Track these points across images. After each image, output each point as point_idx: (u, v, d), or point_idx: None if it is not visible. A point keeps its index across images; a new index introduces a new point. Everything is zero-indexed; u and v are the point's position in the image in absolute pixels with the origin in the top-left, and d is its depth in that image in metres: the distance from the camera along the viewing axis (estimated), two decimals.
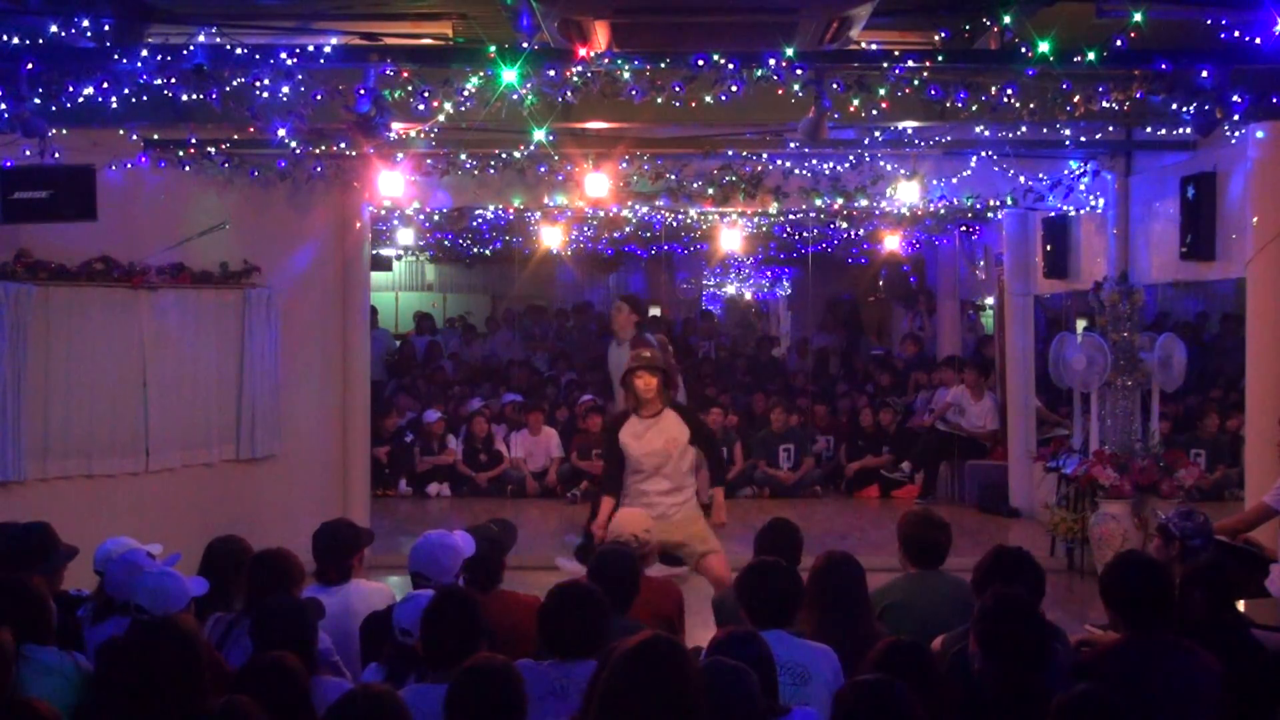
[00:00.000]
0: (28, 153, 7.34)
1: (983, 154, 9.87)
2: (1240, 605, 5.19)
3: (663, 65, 6.45)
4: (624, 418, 7.28)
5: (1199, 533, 5.52)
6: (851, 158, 9.86)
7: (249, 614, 4.54)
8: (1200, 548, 5.46)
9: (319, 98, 6.78)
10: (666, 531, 6.87)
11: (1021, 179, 10.15)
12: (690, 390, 14.82)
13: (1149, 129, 8.63)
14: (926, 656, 3.82)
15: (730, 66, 6.35)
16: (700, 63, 6.34)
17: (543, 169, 9.72)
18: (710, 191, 10.10)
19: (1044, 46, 6.29)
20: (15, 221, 7.58)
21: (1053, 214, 10.72)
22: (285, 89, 6.55)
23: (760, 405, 13.91)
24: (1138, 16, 6.01)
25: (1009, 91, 6.91)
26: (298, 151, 8.87)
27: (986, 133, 8.62)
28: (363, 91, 6.49)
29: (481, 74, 6.51)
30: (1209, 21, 6.62)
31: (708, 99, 6.63)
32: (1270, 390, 7.70)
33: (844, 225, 13.09)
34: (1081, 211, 10.46)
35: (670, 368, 7.38)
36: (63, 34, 6.48)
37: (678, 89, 6.57)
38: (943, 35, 7.45)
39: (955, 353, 14.60)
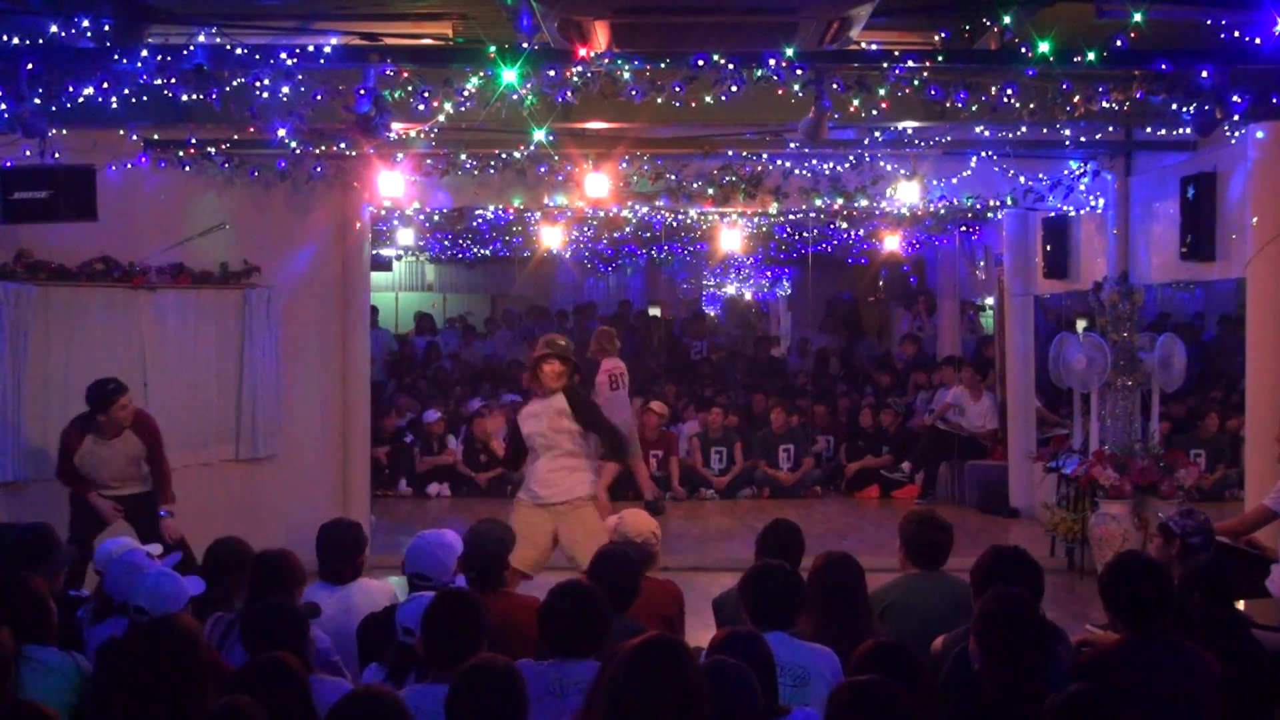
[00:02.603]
0: (28, 153, 7.34)
1: (983, 154, 9.87)
2: (1240, 605, 5.19)
3: (663, 65, 6.45)
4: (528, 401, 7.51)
5: (1199, 531, 5.53)
6: (851, 158, 9.86)
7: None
8: (1200, 546, 5.46)
9: (319, 98, 6.79)
10: (557, 522, 7.05)
11: (1021, 179, 10.15)
12: (688, 390, 14.88)
13: (1149, 129, 8.63)
14: (910, 657, 3.82)
15: (730, 66, 6.35)
16: (700, 63, 6.34)
17: (543, 169, 9.72)
18: (710, 191, 10.10)
19: (1044, 46, 6.30)
20: (15, 221, 7.58)
21: (1053, 214, 10.72)
22: (285, 89, 6.56)
23: (760, 405, 13.92)
24: (1138, 16, 6.01)
25: (1009, 91, 6.91)
26: (298, 151, 8.87)
27: (986, 133, 8.62)
28: (363, 91, 6.49)
29: (481, 74, 6.52)
30: (1209, 21, 6.63)
31: (708, 99, 6.64)
32: (1270, 390, 7.70)
33: (844, 225, 13.09)
34: (1081, 211, 10.46)
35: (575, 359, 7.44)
36: (63, 34, 6.49)
37: (678, 89, 6.57)
38: (943, 35, 7.45)
39: (955, 353, 14.61)
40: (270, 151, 9.04)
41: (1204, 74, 6.50)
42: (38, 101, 6.59)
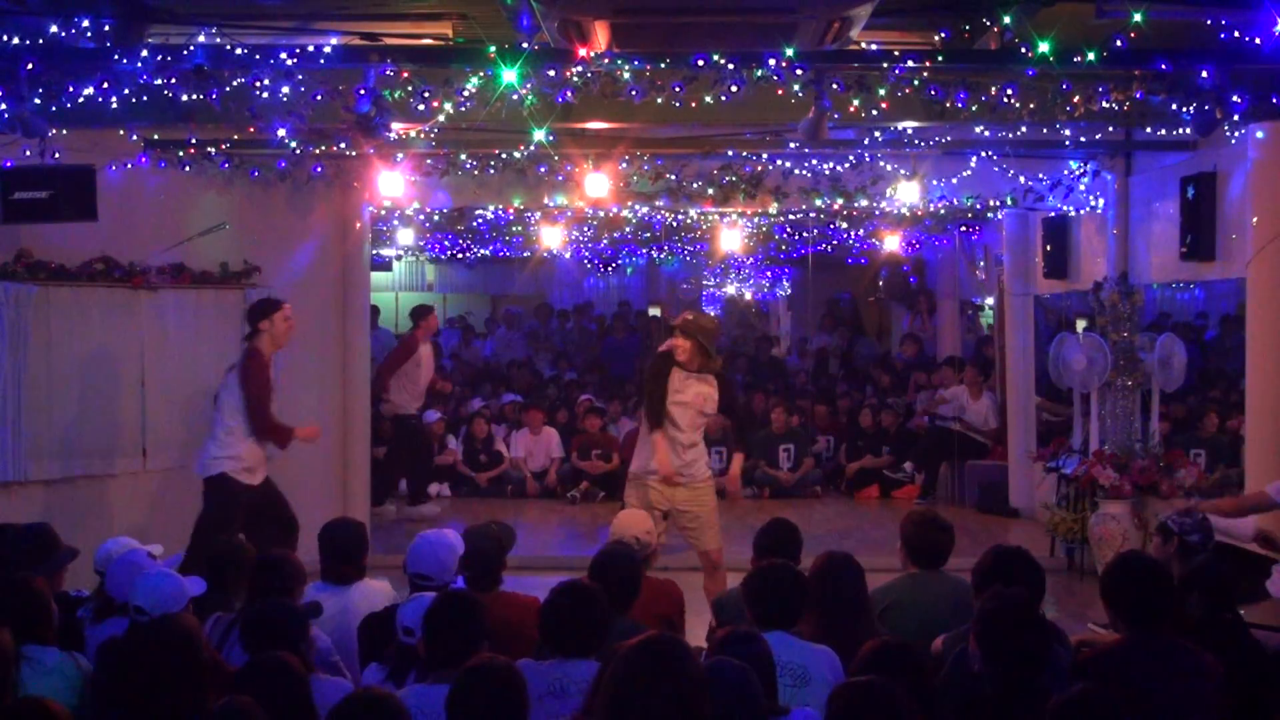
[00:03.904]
0: (28, 153, 7.34)
1: (983, 154, 9.87)
2: (1240, 606, 5.20)
3: (663, 65, 6.46)
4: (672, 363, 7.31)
5: (1197, 529, 5.53)
6: (851, 158, 9.86)
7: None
8: (1199, 544, 5.46)
9: (319, 98, 6.80)
10: (677, 496, 7.20)
11: (1021, 179, 10.15)
12: None
13: (1149, 129, 8.62)
14: (914, 657, 3.82)
15: (730, 66, 6.35)
16: (700, 63, 6.34)
17: (543, 169, 9.72)
18: (710, 191, 10.10)
19: (1044, 46, 6.30)
20: (15, 221, 7.58)
21: (1053, 214, 10.72)
22: (285, 89, 6.56)
23: (760, 405, 13.91)
24: (1138, 16, 6.02)
25: (1009, 91, 6.91)
26: (298, 151, 8.88)
27: (986, 133, 8.62)
28: (363, 91, 6.50)
29: (481, 74, 6.52)
30: (1209, 21, 6.63)
31: (708, 99, 6.64)
32: (1270, 390, 7.70)
33: (844, 225, 13.09)
34: (1081, 211, 10.46)
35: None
36: (63, 34, 6.49)
37: (678, 89, 6.57)
38: (943, 35, 7.46)
39: (955, 353, 14.61)
40: (270, 151, 9.04)
41: (1204, 74, 6.49)
42: (38, 101, 6.60)
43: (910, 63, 6.50)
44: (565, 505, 12.44)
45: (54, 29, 6.47)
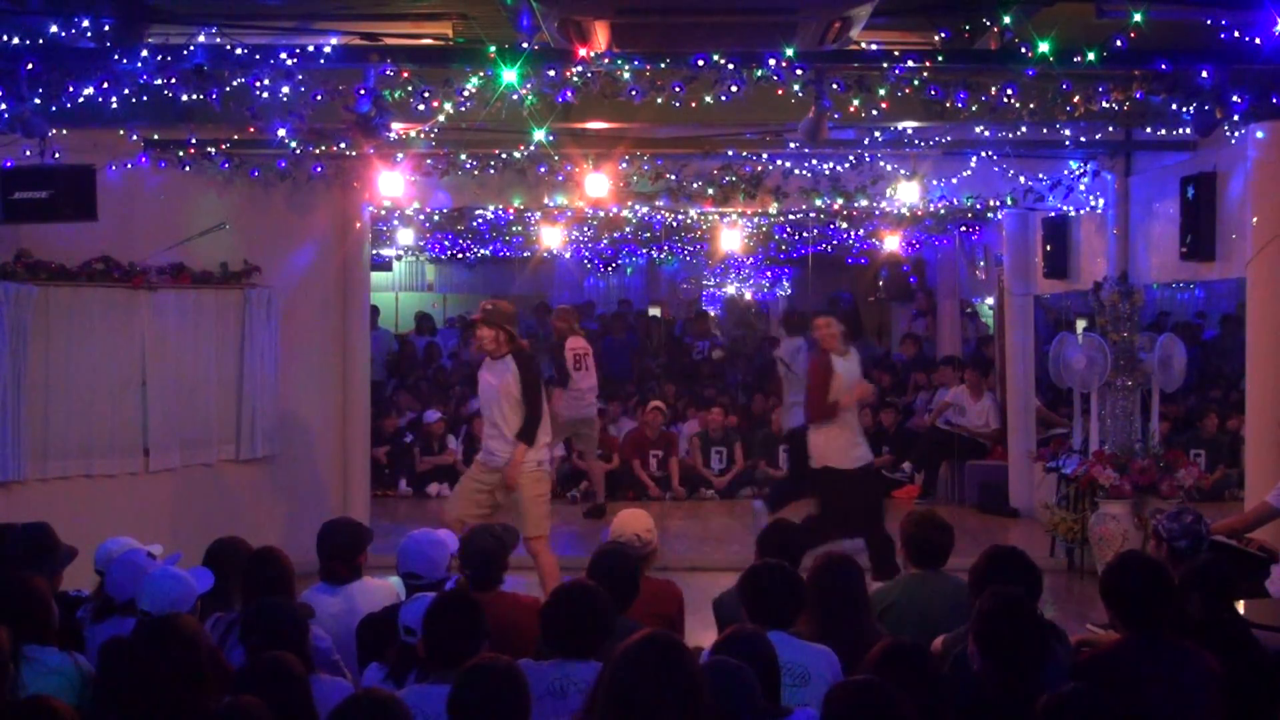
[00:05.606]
0: (28, 153, 7.34)
1: (983, 154, 9.87)
2: (1240, 606, 5.19)
3: (663, 65, 6.46)
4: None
5: (1185, 534, 5.49)
6: (851, 158, 9.86)
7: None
8: (1187, 549, 5.44)
9: (319, 98, 6.79)
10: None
11: (1021, 179, 10.15)
12: (688, 390, 14.88)
13: (1149, 129, 8.63)
14: (925, 658, 3.81)
15: (730, 66, 6.35)
16: (700, 63, 6.35)
17: (543, 169, 9.72)
18: (710, 191, 10.10)
19: (1044, 46, 6.30)
20: (15, 221, 7.58)
21: (1053, 214, 10.72)
22: (285, 89, 6.56)
23: (760, 405, 13.91)
24: (1138, 17, 6.01)
25: (1009, 91, 6.91)
26: (298, 151, 8.87)
27: (986, 133, 8.63)
28: (363, 91, 6.50)
29: (481, 74, 6.52)
30: (1209, 21, 6.63)
31: (708, 99, 6.64)
32: (1270, 390, 7.70)
33: (844, 225, 13.09)
34: (1081, 211, 10.46)
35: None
36: (63, 34, 6.48)
37: (678, 89, 6.57)
38: (943, 35, 7.45)
39: (955, 353, 14.60)
40: (270, 151, 9.04)
41: (1204, 74, 6.50)
42: (38, 101, 6.59)
43: (910, 63, 6.50)
44: (565, 505, 12.42)
45: (54, 29, 6.46)
